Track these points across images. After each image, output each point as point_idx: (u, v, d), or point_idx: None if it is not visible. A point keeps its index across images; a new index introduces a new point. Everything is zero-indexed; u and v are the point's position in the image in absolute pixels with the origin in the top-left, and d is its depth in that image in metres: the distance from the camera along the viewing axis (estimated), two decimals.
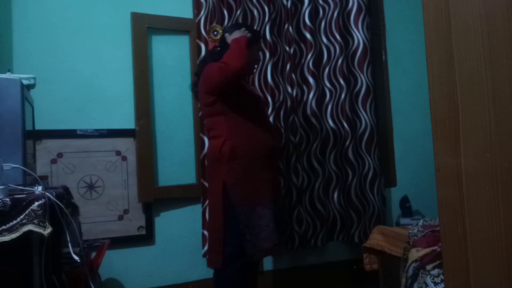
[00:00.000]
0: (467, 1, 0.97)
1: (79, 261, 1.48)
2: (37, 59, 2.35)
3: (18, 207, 1.21)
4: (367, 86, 2.93)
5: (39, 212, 1.22)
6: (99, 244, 2.26)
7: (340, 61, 2.90)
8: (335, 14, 2.93)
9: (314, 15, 2.91)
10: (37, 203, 1.23)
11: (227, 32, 2.10)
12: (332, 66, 2.93)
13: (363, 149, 2.91)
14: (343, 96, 2.89)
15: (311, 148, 2.82)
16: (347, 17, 2.98)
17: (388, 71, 3.22)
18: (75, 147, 2.41)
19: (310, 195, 2.79)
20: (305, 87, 2.85)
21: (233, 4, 2.67)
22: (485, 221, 0.94)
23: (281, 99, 2.76)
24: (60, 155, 2.38)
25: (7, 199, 1.21)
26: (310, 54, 2.84)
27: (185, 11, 2.70)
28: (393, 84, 3.21)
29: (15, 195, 1.25)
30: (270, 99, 2.70)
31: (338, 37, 2.92)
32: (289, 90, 2.78)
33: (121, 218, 2.48)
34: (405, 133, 3.19)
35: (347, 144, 2.89)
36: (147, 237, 2.53)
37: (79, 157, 2.42)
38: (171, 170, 2.62)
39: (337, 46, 2.92)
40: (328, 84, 2.93)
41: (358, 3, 2.95)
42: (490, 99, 0.92)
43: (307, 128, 2.82)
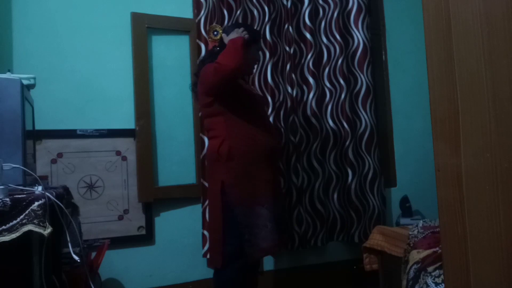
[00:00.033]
0: (467, 1, 0.97)
1: (79, 261, 1.48)
2: (37, 59, 2.35)
3: (18, 207, 1.21)
4: (367, 86, 2.93)
5: (39, 212, 1.22)
6: (99, 244, 2.26)
7: (340, 61, 2.90)
8: (335, 14, 2.93)
9: (314, 15, 2.91)
10: (37, 203, 1.23)
11: (225, 32, 2.10)
12: (332, 66, 2.93)
13: (363, 149, 2.91)
14: (343, 96, 2.89)
15: (311, 148, 2.82)
16: (347, 17, 2.98)
17: (388, 71, 3.22)
18: (75, 147, 2.41)
19: (310, 195, 2.79)
20: (305, 87, 2.85)
21: (233, 4, 2.67)
22: (485, 221, 0.94)
23: (281, 99, 2.76)
24: (60, 155, 2.39)
25: (7, 199, 1.21)
26: (310, 54, 2.84)
27: (185, 11, 2.71)
28: (393, 84, 3.21)
29: (15, 195, 1.25)
30: (270, 99, 2.70)
31: (338, 37, 2.92)
32: (289, 90, 2.78)
33: (121, 218, 2.48)
34: (405, 133, 3.19)
35: (347, 144, 2.89)
36: (147, 237, 2.53)
37: (79, 157, 2.42)
38: (171, 170, 2.62)
39: (337, 46, 2.92)
40: (328, 84, 2.93)
41: (358, 3, 2.95)
42: (490, 99, 0.92)
43: (307, 128, 2.82)
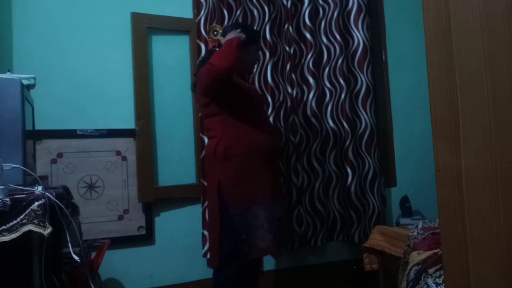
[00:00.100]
0: (467, 1, 0.97)
1: (79, 261, 1.48)
2: (37, 59, 2.35)
3: (18, 207, 1.21)
4: (367, 86, 2.93)
5: (39, 212, 1.22)
6: (99, 244, 2.26)
7: (340, 61, 2.90)
8: (335, 14, 2.93)
9: (314, 15, 2.91)
10: (37, 203, 1.23)
11: (225, 32, 2.10)
12: (332, 66, 2.93)
13: (363, 149, 2.91)
14: (343, 96, 2.89)
15: (311, 148, 2.82)
16: (347, 17, 2.98)
17: (388, 71, 3.22)
18: (75, 147, 2.41)
19: (310, 195, 2.79)
20: (305, 87, 2.85)
21: (233, 4, 2.67)
22: (485, 221, 0.94)
23: (281, 99, 2.76)
24: (60, 155, 2.39)
25: (7, 199, 1.21)
26: (310, 54, 2.84)
27: (185, 11, 2.71)
28: (393, 84, 3.21)
29: (15, 195, 1.25)
30: (270, 99, 2.70)
31: (338, 37, 2.92)
32: (289, 90, 2.78)
33: (121, 218, 2.48)
34: (405, 133, 3.19)
35: (347, 144, 2.89)
36: (147, 237, 2.53)
37: (79, 157, 2.42)
38: (171, 170, 2.62)
39: (337, 46, 2.92)
40: (328, 84, 2.93)
41: (358, 3, 2.95)
42: (490, 99, 0.92)
43: (307, 128, 2.82)
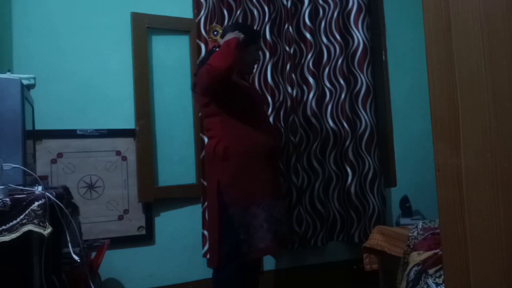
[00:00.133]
0: (467, 1, 0.97)
1: (79, 261, 1.48)
2: (37, 59, 2.35)
3: (18, 207, 1.21)
4: (367, 86, 2.93)
5: (39, 212, 1.22)
6: (99, 244, 2.26)
7: (340, 61, 2.90)
8: (335, 14, 2.93)
9: (314, 15, 2.91)
10: (37, 203, 1.23)
11: (224, 32, 2.10)
12: (332, 66, 2.93)
13: (363, 149, 2.91)
14: (343, 96, 2.89)
15: (311, 148, 2.82)
16: (347, 17, 2.98)
17: (388, 71, 3.21)
18: (75, 147, 2.41)
19: (310, 195, 2.79)
20: (305, 87, 2.85)
21: (233, 4, 2.67)
22: (485, 221, 0.94)
23: (281, 99, 2.76)
24: (60, 155, 2.39)
25: (7, 199, 1.21)
26: (310, 54, 2.84)
27: (185, 11, 2.71)
28: (393, 84, 3.21)
29: (15, 195, 1.25)
30: (270, 99, 2.70)
31: (338, 37, 2.92)
32: (289, 90, 2.78)
33: (121, 218, 2.48)
34: (405, 133, 3.19)
35: (347, 144, 2.89)
36: (147, 237, 2.53)
37: (79, 157, 2.42)
38: (171, 170, 2.62)
39: (337, 46, 2.92)
40: (328, 84, 2.93)
41: (358, 3, 2.95)
42: (490, 99, 0.92)
43: (307, 128, 2.82)
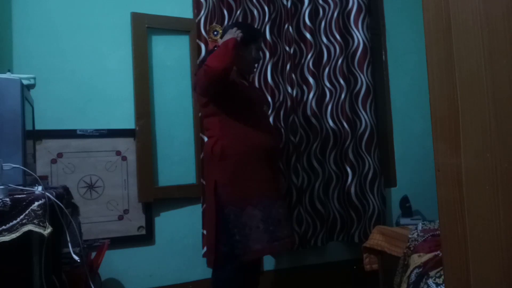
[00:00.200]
0: (467, 1, 0.97)
1: (79, 261, 1.48)
2: (37, 59, 2.35)
3: (18, 207, 1.21)
4: (367, 86, 2.93)
5: (39, 212, 1.22)
6: (99, 244, 2.26)
7: (340, 61, 2.90)
8: (335, 14, 2.93)
9: (314, 15, 2.91)
10: (37, 203, 1.23)
11: (224, 32, 2.10)
12: (332, 66, 2.93)
13: (363, 149, 2.91)
14: (343, 96, 2.89)
15: (311, 148, 2.82)
16: (347, 17, 2.98)
17: (388, 71, 3.21)
18: (75, 147, 2.41)
19: (310, 195, 2.79)
20: (305, 87, 2.85)
21: (233, 4, 2.67)
22: (485, 221, 0.94)
23: (281, 99, 2.76)
24: (60, 155, 2.39)
25: (7, 199, 1.21)
26: (310, 54, 2.84)
27: (185, 11, 2.70)
28: (393, 84, 3.21)
29: (15, 195, 1.25)
30: (270, 99, 2.70)
31: (338, 37, 2.92)
32: (289, 90, 2.78)
33: (121, 218, 2.48)
34: (405, 133, 3.18)
35: (347, 144, 2.89)
36: (147, 237, 2.53)
37: (79, 157, 2.42)
38: (171, 170, 2.62)
39: (337, 46, 2.92)
40: (328, 84, 2.93)
41: (358, 3, 2.95)
42: (490, 99, 0.92)
43: (307, 128, 2.82)
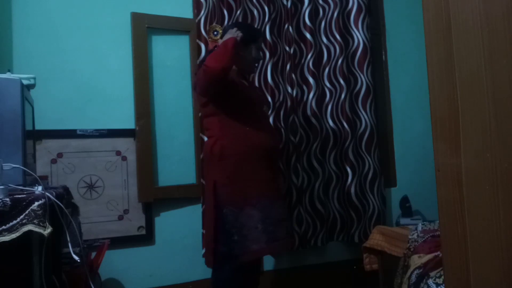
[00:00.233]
0: (467, 1, 0.97)
1: (79, 261, 1.48)
2: (37, 59, 2.35)
3: (18, 207, 1.21)
4: (367, 86, 2.93)
5: (39, 212, 1.22)
6: (99, 244, 2.26)
7: (340, 61, 2.90)
8: (335, 14, 2.93)
9: (314, 15, 2.91)
10: (37, 203, 1.23)
11: (224, 32, 2.11)
12: (332, 66, 2.93)
13: (363, 149, 2.91)
14: (343, 96, 2.89)
15: (311, 148, 2.82)
16: (347, 17, 2.98)
17: (388, 71, 3.21)
18: (75, 147, 2.41)
19: (310, 195, 2.79)
20: (305, 87, 2.85)
21: (233, 4, 2.67)
22: (485, 221, 0.94)
23: (281, 99, 2.76)
24: (60, 155, 2.38)
25: (7, 199, 1.21)
26: (310, 54, 2.84)
27: (185, 11, 2.70)
28: (393, 84, 3.21)
29: (15, 195, 1.25)
30: (270, 99, 2.70)
31: (338, 37, 2.92)
32: (289, 90, 2.78)
33: (121, 218, 2.48)
34: (405, 133, 3.18)
35: (347, 144, 2.89)
36: (147, 237, 2.53)
37: (79, 157, 2.42)
38: (171, 170, 2.62)
39: (337, 46, 2.92)
40: (328, 84, 2.93)
41: (358, 3, 2.95)
42: (490, 99, 0.92)
43: (307, 128, 2.82)
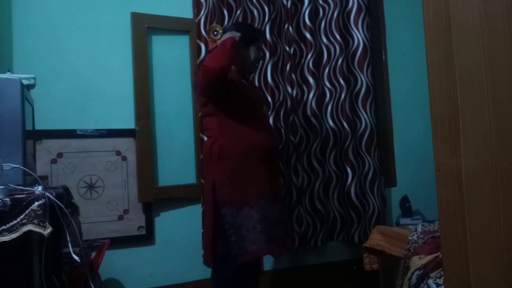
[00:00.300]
0: (467, 1, 0.97)
1: (79, 261, 1.48)
2: (37, 59, 2.35)
3: (18, 207, 1.21)
4: (367, 86, 2.93)
5: (39, 212, 1.22)
6: (99, 244, 2.26)
7: (340, 61, 2.90)
8: (335, 14, 2.93)
9: (314, 15, 2.91)
10: (37, 203, 1.23)
11: (224, 32, 2.10)
12: (332, 66, 2.93)
13: (363, 149, 2.91)
14: (343, 96, 2.89)
15: (311, 148, 2.82)
16: (347, 17, 2.98)
17: (388, 71, 3.21)
18: (75, 147, 2.41)
19: (310, 195, 2.79)
20: (305, 87, 2.85)
21: (233, 4, 2.67)
22: (485, 221, 0.93)
23: (281, 99, 2.76)
24: (60, 155, 2.38)
25: (7, 199, 1.21)
26: (310, 54, 2.84)
27: (185, 11, 2.70)
28: (393, 84, 3.21)
29: (15, 195, 1.25)
30: (270, 99, 2.70)
31: (338, 37, 2.92)
32: (289, 90, 2.78)
33: (121, 218, 2.48)
34: (405, 133, 3.18)
35: (347, 144, 2.89)
36: (147, 237, 2.53)
37: (79, 157, 2.42)
38: (171, 170, 2.62)
39: (337, 46, 2.92)
40: (328, 84, 2.93)
41: (358, 3, 2.95)
42: (490, 99, 0.92)
43: (307, 128, 2.82)
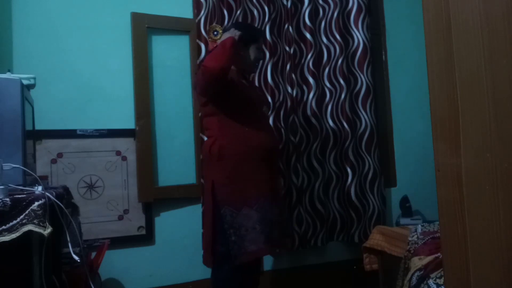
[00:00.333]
0: (467, 1, 0.97)
1: (79, 261, 1.48)
2: (37, 59, 2.35)
3: (18, 207, 1.21)
4: (367, 86, 2.93)
5: (39, 212, 1.22)
6: (99, 244, 2.26)
7: (340, 61, 2.90)
8: (335, 14, 2.93)
9: (314, 15, 2.91)
10: (37, 203, 1.23)
11: (224, 32, 2.10)
12: (332, 66, 2.93)
13: (363, 149, 2.91)
14: (343, 96, 2.89)
15: (311, 148, 2.82)
16: (347, 17, 2.98)
17: (388, 71, 3.21)
18: (75, 147, 2.41)
19: (310, 195, 2.79)
20: (305, 87, 2.85)
21: (233, 4, 2.67)
22: (485, 221, 0.93)
23: (281, 99, 2.76)
24: (60, 155, 2.39)
25: (7, 199, 1.21)
26: (310, 54, 2.84)
27: (185, 11, 2.71)
28: (393, 84, 3.21)
29: (15, 195, 1.25)
30: (270, 99, 2.70)
31: (338, 37, 2.92)
32: (289, 90, 2.78)
33: (121, 218, 2.48)
34: (405, 133, 3.19)
35: (347, 144, 2.89)
36: (147, 237, 2.53)
37: (79, 157, 2.42)
38: (171, 170, 2.62)
39: (337, 46, 2.92)
40: (328, 84, 2.93)
41: (358, 3, 2.95)
42: (490, 99, 0.92)
43: (307, 128, 2.82)
